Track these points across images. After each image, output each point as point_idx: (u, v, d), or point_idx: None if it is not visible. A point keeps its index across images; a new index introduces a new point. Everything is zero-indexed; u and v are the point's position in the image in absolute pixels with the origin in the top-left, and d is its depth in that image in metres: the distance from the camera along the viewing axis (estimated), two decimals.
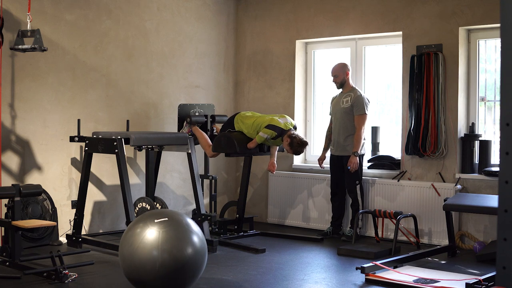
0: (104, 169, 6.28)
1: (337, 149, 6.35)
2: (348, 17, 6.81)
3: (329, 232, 6.44)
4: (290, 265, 5.25)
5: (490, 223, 5.91)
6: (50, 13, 5.84)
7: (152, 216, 4.07)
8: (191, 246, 3.97)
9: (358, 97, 6.22)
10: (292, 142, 5.93)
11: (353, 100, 6.22)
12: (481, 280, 4.34)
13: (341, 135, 6.30)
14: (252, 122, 6.06)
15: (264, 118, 6.05)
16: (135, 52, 6.56)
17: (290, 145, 5.94)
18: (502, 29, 2.33)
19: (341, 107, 6.31)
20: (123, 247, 4.02)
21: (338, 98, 6.42)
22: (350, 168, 6.16)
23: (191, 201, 6.95)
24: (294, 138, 5.93)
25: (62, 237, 5.91)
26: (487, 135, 6.17)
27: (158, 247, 3.87)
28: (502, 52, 2.34)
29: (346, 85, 6.35)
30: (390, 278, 4.62)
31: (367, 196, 6.46)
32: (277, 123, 5.97)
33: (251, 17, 7.56)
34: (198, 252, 4.02)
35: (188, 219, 4.14)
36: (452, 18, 6.11)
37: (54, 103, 5.91)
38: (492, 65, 6.27)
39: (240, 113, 6.24)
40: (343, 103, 6.29)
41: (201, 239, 4.09)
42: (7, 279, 4.52)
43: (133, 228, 4.03)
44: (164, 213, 4.12)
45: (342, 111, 6.29)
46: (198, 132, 6.27)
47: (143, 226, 3.97)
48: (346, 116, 6.26)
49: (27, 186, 5.08)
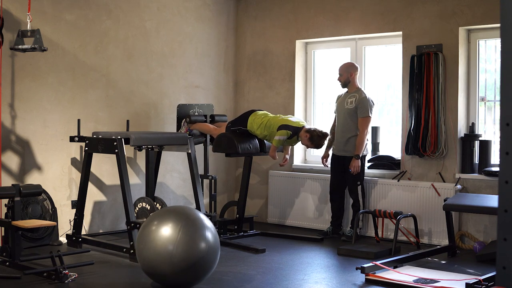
0: (104, 169, 6.28)
1: (339, 149, 6.34)
2: (348, 17, 6.81)
3: (329, 232, 6.44)
4: (290, 265, 5.25)
5: (490, 223, 5.91)
6: (50, 13, 5.84)
7: (172, 212, 4.35)
8: (204, 241, 4.19)
9: (363, 99, 6.18)
10: (312, 136, 5.92)
11: (357, 101, 6.18)
12: (481, 280, 4.34)
13: (343, 135, 6.28)
14: (264, 121, 6.06)
15: (276, 119, 6.05)
16: (135, 52, 6.56)
17: (310, 139, 5.93)
18: (502, 29, 2.33)
19: (345, 107, 6.28)
20: (140, 242, 4.26)
21: (343, 98, 6.39)
22: (352, 171, 6.16)
23: (191, 201, 6.95)
24: (313, 132, 5.93)
25: (62, 237, 5.91)
26: (487, 135, 6.17)
27: (175, 241, 4.09)
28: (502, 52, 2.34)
29: (352, 85, 6.31)
30: (390, 278, 4.62)
31: (368, 196, 6.46)
32: (289, 122, 5.98)
33: (251, 17, 7.56)
34: (212, 247, 4.23)
35: (201, 215, 4.38)
36: (452, 18, 6.11)
37: (54, 103, 5.91)
38: (492, 65, 6.27)
39: (255, 112, 6.22)
40: (347, 103, 6.26)
41: (214, 234, 4.31)
42: (7, 279, 4.52)
43: (149, 224, 4.27)
44: (178, 209, 4.43)
45: (346, 111, 6.26)
46: (198, 126, 6.29)
47: (158, 224, 4.20)
48: (349, 117, 6.23)
49: (27, 186, 5.08)
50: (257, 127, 6.06)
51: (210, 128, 6.32)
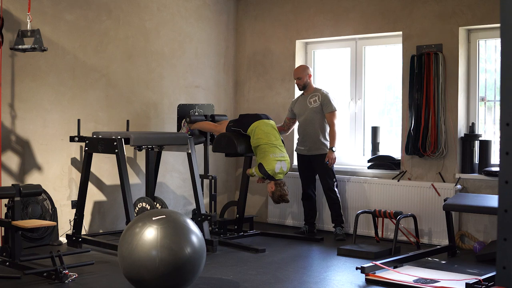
0: (104, 169, 6.28)
1: (311, 148, 6.40)
2: (348, 17, 6.81)
3: (306, 231, 6.53)
4: (290, 265, 5.25)
5: (490, 223, 5.91)
6: (50, 13, 5.84)
7: (150, 215, 4.09)
8: (189, 245, 3.98)
9: (326, 96, 6.36)
10: (274, 192, 5.98)
11: (321, 99, 6.35)
12: (481, 280, 4.34)
13: (315, 134, 6.34)
14: (258, 143, 6.00)
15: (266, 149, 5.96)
16: (135, 52, 6.56)
17: (272, 193, 6.01)
18: (502, 29, 2.33)
19: (309, 107, 6.38)
20: (122, 246, 4.03)
21: (302, 100, 6.50)
22: (329, 163, 6.27)
23: (191, 201, 6.95)
24: (277, 190, 5.96)
25: (62, 237, 5.91)
26: (487, 135, 6.17)
27: (157, 246, 3.89)
28: (502, 52, 2.34)
29: (309, 86, 6.47)
30: (390, 278, 4.62)
31: (368, 196, 6.47)
32: (269, 167, 5.89)
33: (251, 17, 7.56)
34: (197, 251, 4.03)
35: (186, 218, 4.17)
36: (452, 18, 6.11)
37: (54, 103, 5.91)
38: (492, 65, 6.27)
39: (261, 123, 6.10)
40: (311, 103, 6.39)
41: (199, 238, 4.10)
42: (7, 279, 4.52)
43: (132, 227, 4.05)
44: (162, 212, 4.14)
45: (311, 111, 6.37)
46: (199, 125, 6.29)
47: (141, 226, 3.99)
48: (316, 116, 6.36)
49: (27, 186, 5.08)
50: (253, 140, 6.05)
51: (211, 126, 6.32)
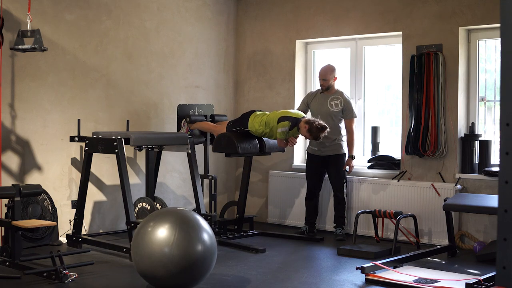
0: (104, 169, 6.28)
1: (326, 149, 6.39)
2: (348, 17, 6.81)
3: (306, 231, 6.52)
4: (290, 265, 5.25)
5: (490, 223, 5.91)
6: (50, 13, 5.84)
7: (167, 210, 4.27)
8: (201, 243, 4.12)
9: (348, 102, 6.35)
10: (311, 128, 5.86)
11: (344, 104, 6.32)
12: (481, 280, 4.34)
13: (329, 136, 6.23)
14: (264, 119, 6.05)
15: (275, 113, 6.06)
16: (135, 52, 6.56)
17: (309, 131, 5.86)
18: (502, 29, 2.33)
19: (329, 110, 6.34)
20: (136, 244, 4.19)
21: (322, 99, 6.41)
22: (349, 170, 6.34)
23: (191, 201, 6.95)
24: (312, 123, 5.87)
25: (62, 237, 5.91)
26: (487, 135, 6.17)
27: (170, 244, 4.02)
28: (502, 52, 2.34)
29: (332, 88, 6.41)
30: (390, 278, 4.62)
31: (368, 196, 6.47)
32: (289, 114, 5.99)
33: (251, 17, 7.56)
34: (208, 249, 4.16)
35: (198, 216, 4.30)
36: (452, 18, 6.11)
37: (54, 103, 5.91)
38: (492, 65, 6.27)
39: (255, 112, 6.20)
40: (332, 106, 6.34)
41: (211, 235, 4.24)
42: (7, 279, 4.52)
43: (145, 226, 4.20)
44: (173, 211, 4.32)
45: (331, 114, 6.33)
46: (199, 125, 6.29)
47: (153, 225, 4.13)
48: (335, 119, 6.35)
49: (27, 186, 5.08)
50: (258, 126, 6.05)
51: (211, 126, 6.33)
